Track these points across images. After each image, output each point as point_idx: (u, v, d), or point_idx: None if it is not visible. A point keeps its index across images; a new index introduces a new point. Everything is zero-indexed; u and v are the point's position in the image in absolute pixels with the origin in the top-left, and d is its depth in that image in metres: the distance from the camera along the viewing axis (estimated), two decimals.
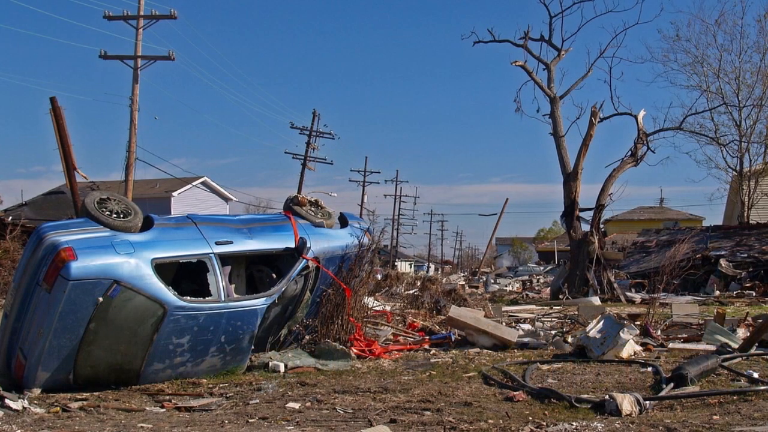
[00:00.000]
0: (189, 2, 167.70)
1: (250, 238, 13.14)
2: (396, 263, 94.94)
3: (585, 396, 9.77)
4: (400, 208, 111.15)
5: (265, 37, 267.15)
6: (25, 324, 11.15)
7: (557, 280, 35.26)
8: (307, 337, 14.06)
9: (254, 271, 13.92)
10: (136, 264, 11.30)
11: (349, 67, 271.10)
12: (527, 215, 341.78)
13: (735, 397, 9.42)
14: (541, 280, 53.35)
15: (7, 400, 10.10)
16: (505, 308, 24.58)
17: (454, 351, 14.74)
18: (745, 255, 37.09)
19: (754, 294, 31.52)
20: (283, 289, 13.06)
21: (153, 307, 11.25)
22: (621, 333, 13.15)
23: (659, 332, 16.14)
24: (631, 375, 11.59)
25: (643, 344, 14.35)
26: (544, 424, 8.38)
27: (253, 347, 12.78)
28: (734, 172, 53.33)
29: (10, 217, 29.33)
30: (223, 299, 12.10)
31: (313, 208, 14.76)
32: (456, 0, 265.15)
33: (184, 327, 11.59)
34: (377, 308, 19.94)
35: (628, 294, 31.46)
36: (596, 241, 32.48)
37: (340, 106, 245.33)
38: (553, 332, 16.59)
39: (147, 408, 10.15)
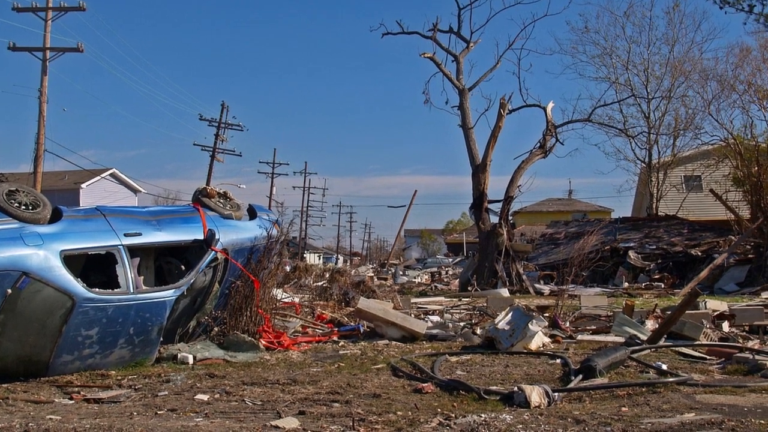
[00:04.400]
0: None
1: (158, 230, 13.07)
2: (305, 255, 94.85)
3: (494, 388, 9.87)
4: (308, 200, 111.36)
5: (174, 30, 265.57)
6: None
7: (466, 272, 35.52)
8: (216, 328, 14.03)
9: (163, 263, 13.87)
10: (44, 256, 11.16)
11: (258, 60, 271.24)
12: (436, 207, 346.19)
13: (644, 389, 9.58)
14: (450, 272, 53.53)
15: None
16: (413, 300, 24.75)
17: (362, 343, 14.83)
18: (654, 247, 37.71)
19: (662, 286, 32.12)
20: (192, 280, 13.01)
21: (62, 299, 11.12)
22: (530, 325, 13.30)
23: (568, 324, 16.40)
24: (540, 367, 11.75)
25: (551, 336, 14.57)
26: (453, 416, 8.44)
27: (162, 339, 12.69)
28: (643, 164, 54.44)
29: None
30: (131, 291, 12.01)
31: (221, 200, 14.72)
32: None
33: (92, 319, 11.47)
34: (286, 300, 19.89)
35: (537, 286, 31.82)
36: (505, 233, 32.86)
37: (249, 98, 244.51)
38: (461, 324, 16.69)
39: (56, 400, 10.03)
